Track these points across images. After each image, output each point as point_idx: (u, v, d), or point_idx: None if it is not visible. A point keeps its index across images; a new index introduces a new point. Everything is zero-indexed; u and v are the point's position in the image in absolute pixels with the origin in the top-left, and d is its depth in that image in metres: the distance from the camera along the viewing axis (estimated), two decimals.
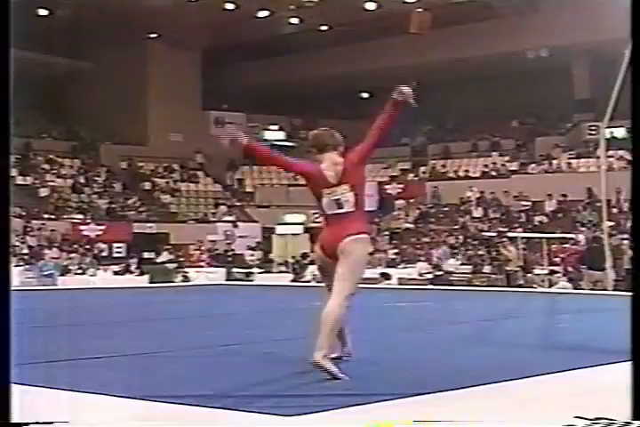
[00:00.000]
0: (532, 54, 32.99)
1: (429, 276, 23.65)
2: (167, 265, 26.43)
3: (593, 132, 30.00)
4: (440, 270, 23.99)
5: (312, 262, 25.47)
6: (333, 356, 5.77)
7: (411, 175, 36.25)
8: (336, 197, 5.85)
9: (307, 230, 29.33)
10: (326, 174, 5.90)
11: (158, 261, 26.94)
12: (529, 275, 21.81)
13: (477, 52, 33.70)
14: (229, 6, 33.28)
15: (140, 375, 5.71)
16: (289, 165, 6.21)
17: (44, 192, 32.32)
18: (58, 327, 9.15)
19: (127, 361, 6.43)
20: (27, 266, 24.63)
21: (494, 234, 26.50)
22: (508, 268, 22.61)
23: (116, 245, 29.42)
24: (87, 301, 15.55)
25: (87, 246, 28.47)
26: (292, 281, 23.85)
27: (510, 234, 24.98)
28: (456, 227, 30.44)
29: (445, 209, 32.73)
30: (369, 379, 5.45)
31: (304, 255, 27.21)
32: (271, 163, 6.26)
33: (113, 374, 5.71)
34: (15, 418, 3.89)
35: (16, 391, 4.00)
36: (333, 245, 5.80)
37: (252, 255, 29.14)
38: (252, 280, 24.25)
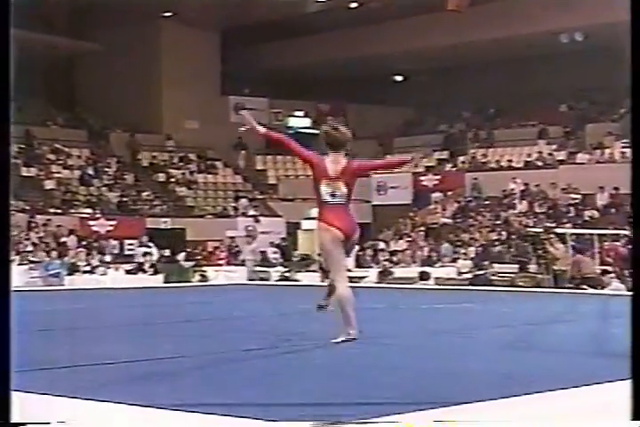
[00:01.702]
0: (582, 33, 32.79)
1: (469, 275, 23.61)
2: (183, 264, 26.55)
3: None
4: (480, 269, 23.94)
5: None
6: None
7: (448, 165, 36.17)
8: (332, 190, 7.63)
9: None
10: (328, 167, 7.65)
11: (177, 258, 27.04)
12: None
13: (521, 31, 33.53)
14: None
15: (156, 382, 5.72)
16: (299, 152, 7.88)
17: (49, 184, 32.50)
18: (64, 331, 9.20)
19: (139, 367, 6.44)
20: (31, 265, 24.75)
21: (540, 230, 26.37)
22: (555, 267, 22.51)
23: (127, 241, 29.53)
24: (97, 302, 15.61)
25: (97, 243, 28.61)
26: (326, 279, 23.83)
27: (558, 230, 24.87)
28: (498, 222, 30.34)
29: (486, 202, 32.64)
30: (407, 387, 5.43)
31: None
32: (284, 147, 7.84)
33: (124, 381, 5.71)
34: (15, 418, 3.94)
35: (20, 397, 4.01)
36: (352, 230, 7.60)
37: (276, 253, 29.19)
38: (298, 280, 24.21)
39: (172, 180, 35.94)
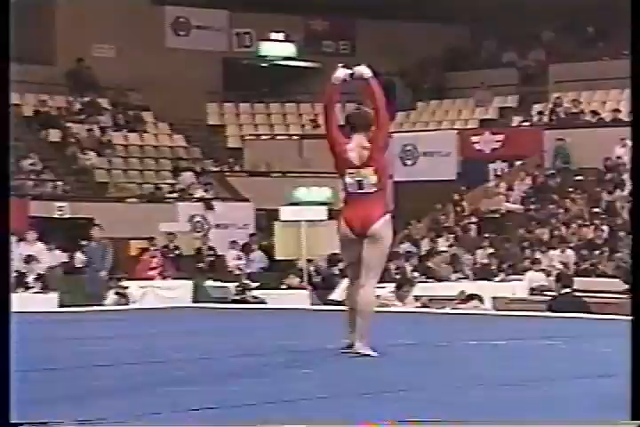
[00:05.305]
0: None
1: (548, 295, 23.70)
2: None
3: None
4: (567, 286, 24.03)
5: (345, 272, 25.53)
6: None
7: (517, 118, 36.25)
8: (359, 179, 10.03)
9: (333, 215, 29.36)
10: (349, 156, 10.15)
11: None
12: None
13: None
14: None
15: None
16: (331, 130, 10.39)
17: None
18: None
19: None
20: None
21: None
22: None
23: None
24: None
25: None
26: (317, 300, 24.03)
27: None
28: (597, 210, 30.42)
29: (578, 178, 32.76)
30: None
31: (332, 258, 27.16)
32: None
33: None
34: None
35: None
36: (363, 225, 9.96)
37: (239, 258, 29.30)
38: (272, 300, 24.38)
39: (72, 140, 35.97)
